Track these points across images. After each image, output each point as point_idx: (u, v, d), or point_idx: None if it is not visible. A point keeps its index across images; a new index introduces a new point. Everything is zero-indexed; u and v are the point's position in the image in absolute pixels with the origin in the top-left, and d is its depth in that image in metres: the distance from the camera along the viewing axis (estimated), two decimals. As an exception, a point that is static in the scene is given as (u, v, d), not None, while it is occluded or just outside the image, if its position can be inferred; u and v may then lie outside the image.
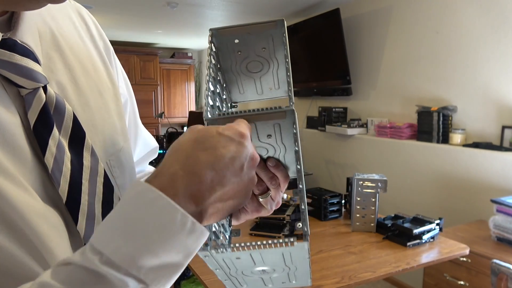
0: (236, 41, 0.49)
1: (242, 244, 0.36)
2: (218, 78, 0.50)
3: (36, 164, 0.39)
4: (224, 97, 0.53)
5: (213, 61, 0.48)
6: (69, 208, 0.40)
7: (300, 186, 0.41)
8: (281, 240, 0.35)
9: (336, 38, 3.38)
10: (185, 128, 5.62)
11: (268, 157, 0.50)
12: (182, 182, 0.33)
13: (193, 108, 6.70)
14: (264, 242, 0.35)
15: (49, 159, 0.39)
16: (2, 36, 0.37)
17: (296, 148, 0.44)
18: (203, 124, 0.41)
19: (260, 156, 0.49)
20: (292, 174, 0.52)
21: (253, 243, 0.35)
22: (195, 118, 4.86)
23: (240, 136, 0.36)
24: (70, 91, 0.46)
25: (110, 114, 0.52)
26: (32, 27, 0.42)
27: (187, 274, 2.39)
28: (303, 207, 0.39)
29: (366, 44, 3.37)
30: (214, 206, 0.35)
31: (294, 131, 0.44)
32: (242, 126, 0.38)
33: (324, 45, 3.59)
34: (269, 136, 0.46)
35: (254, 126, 0.44)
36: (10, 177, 0.35)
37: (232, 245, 0.36)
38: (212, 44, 0.48)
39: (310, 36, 3.76)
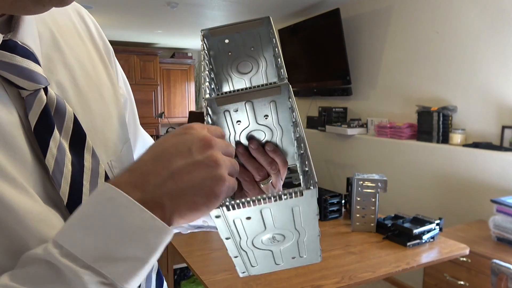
0: (227, 41, 0.51)
1: (253, 199, 0.36)
2: (212, 76, 0.52)
3: (36, 165, 0.39)
4: None
5: (206, 57, 0.49)
6: (70, 210, 0.40)
7: (302, 151, 0.43)
8: (290, 190, 0.36)
9: (336, 38, 3.37)
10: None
11: (266, 142, 0.51)
12: (123, 177, 0.35)
13: (193, 108, 6.69)
14: (275, 194, 0.36)
15: (50, 160, 0.39)
16: (3, 37, 0.37)
17: (293, 120, 0.46)
18: (202, 122, 0.42)
19: (259, 141, 0.51)
20: (290, 160, 0.54)
21: (264, 197, 0.36)
22: (195, 118, 4.85)
23: (184, 128, 0.37)
24: (70, 92, 0.46)
25: (110, 114, 0.52)
26: (32, 27, 0.42)
27: (187, 274, 2.39)
28: (306, 168, 0.40)
29: (366, 44, 3.37)
30: (173, 191, 0.34)
31: (289, 105, 0.46)
32: (194, 122, 0.39)
33: (324, 45, 3.59)
34: (266, 116, 0.48)
35: (252, 106, 0.46)
36: (9, 180, 0.35)
37: (243, 200, 0.36)
38: (205, 44, 0.50)
39: (310, 36, 3.76)
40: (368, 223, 1.72)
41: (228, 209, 0.36)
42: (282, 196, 0.36)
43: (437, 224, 1.65)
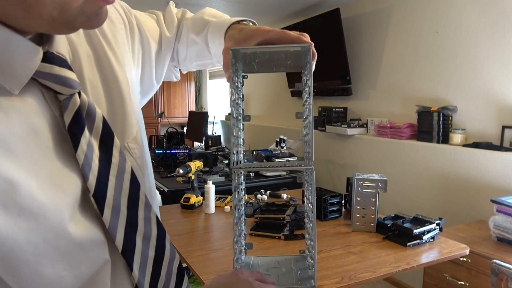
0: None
1: None
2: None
3: (70, 160, 0.44)
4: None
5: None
6: (96, 199, 0.45)
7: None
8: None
9: (336, 38, 3.37)
10: (185, 129, 5.60)
11: None
12: None
13: (193, 108, 6.69)
14: None
15: (80, 155, 0.44)
16: (42, 49, 0.42)
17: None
18: (202, 122, 0.46)
19: None
20: None
21: None
22: (195, 118, 4.85)
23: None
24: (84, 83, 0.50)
25: (125, 98, 0.56)
26: (63, 36, 0.47)
27: (187, 274, 2.39)
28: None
29: (366, 44, 3.37)
30: None
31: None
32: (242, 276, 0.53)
33: (324, 45, 3.59)
34: None
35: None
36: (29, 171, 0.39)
37: None
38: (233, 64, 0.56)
39: (310, 36, 3.76)
40: (368, 223, 1.72)
41: None
42: None
43: (437, 224, 1.65)
